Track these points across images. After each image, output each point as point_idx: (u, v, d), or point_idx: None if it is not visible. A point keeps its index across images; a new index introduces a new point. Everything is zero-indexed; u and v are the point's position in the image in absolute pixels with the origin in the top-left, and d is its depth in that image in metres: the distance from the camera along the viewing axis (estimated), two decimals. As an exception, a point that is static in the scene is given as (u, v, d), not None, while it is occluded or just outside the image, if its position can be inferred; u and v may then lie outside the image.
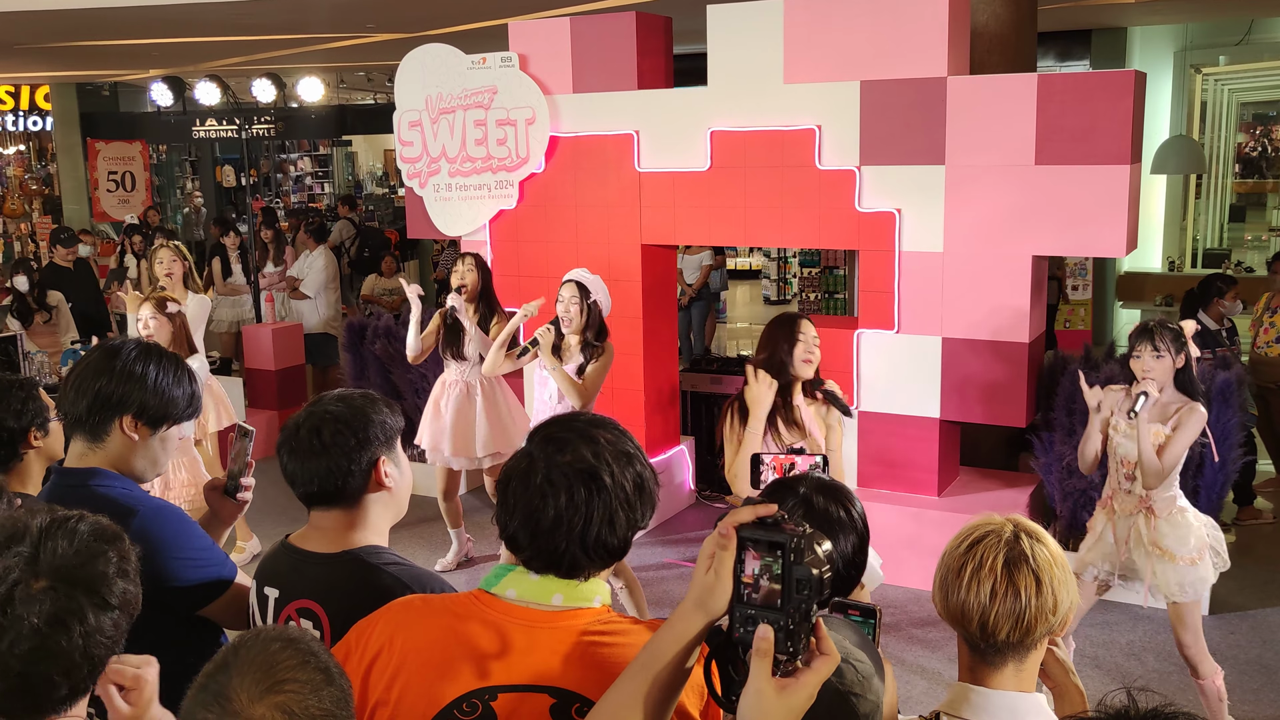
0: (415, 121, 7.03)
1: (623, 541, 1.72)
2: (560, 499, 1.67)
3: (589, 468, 1.68)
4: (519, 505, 1.70)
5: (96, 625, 1.54)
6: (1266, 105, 20.01)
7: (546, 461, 1.70)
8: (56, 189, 17.64)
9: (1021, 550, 1.83)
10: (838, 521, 1.97)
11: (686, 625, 1.45)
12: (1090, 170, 5.26)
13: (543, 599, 1.71)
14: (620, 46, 6.38)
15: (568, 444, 1.71)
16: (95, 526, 1.63)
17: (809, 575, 1.34)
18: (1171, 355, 4.18)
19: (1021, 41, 6.20)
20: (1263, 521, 6.76)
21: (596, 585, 1.74)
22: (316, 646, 1.47)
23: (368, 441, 2.14)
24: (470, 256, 5.96)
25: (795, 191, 5.94)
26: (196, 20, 9.41)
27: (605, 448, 1.71)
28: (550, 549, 1.69)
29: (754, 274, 16.97)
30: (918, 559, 5.70)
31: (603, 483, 1.68)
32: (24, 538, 1.57)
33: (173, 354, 2.49)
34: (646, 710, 1.47)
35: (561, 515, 1.67)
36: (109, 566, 1.58)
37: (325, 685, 1.43)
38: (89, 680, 1.57)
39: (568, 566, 1.70)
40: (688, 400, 7.52)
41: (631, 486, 1.71)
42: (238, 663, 1.42)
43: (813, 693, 1.36)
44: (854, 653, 1.60)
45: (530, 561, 1.73)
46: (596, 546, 1.69)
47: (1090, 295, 10.57)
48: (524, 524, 1.69)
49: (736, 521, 1.40)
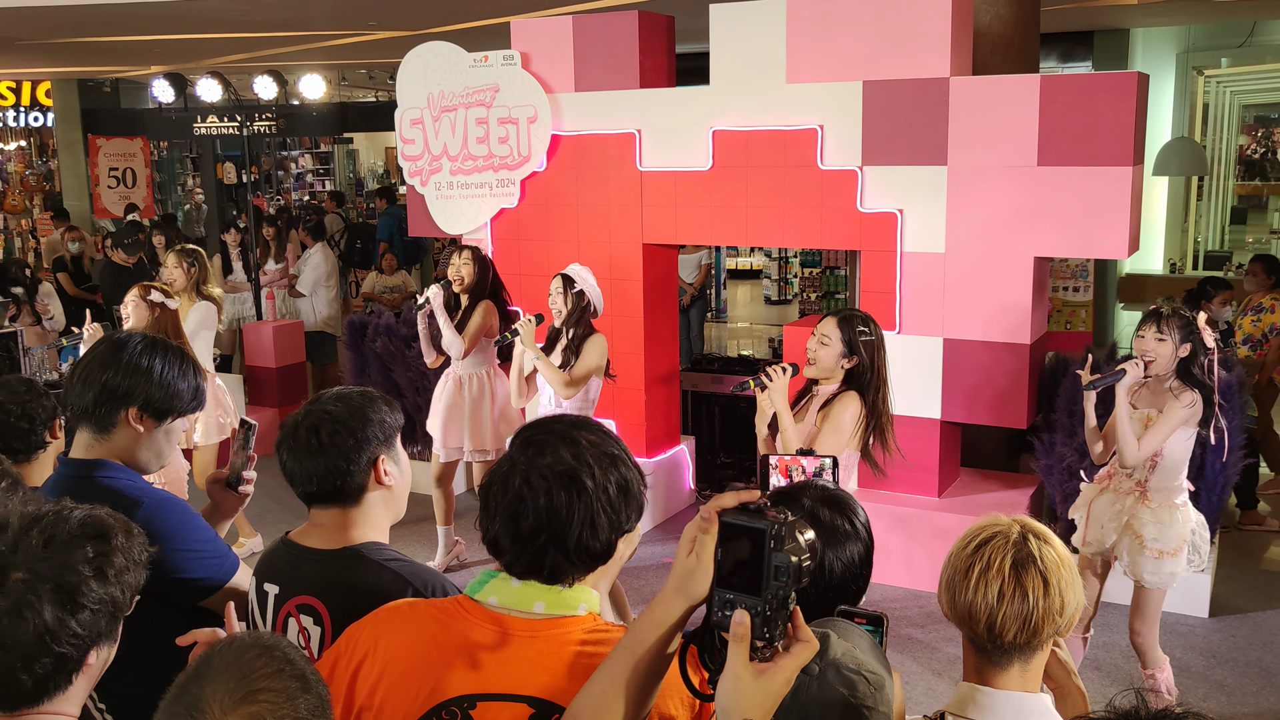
0: (417, 119, 7.02)
1: (606, 545, 1.70)
2: (540, 501, 1.65)
3: (569, 470, 1.66)
4: (499, 509, 1.68)
5: (55, 622, 1.52)
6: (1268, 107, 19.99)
7: (527, 464, 1.68)
8: (57, 185, 17.63)
9: (1029, 551, 1.83)
10: (844, 534, 1.96)
11: (667, 610, 1.45)
12: (1092, 172, 5.26)
13: (524, 606, 1.69)
14: (623, 45, 6.37)
15: (547, 446, 1.69)
16: (87, 521, 1.61)
17: (788, 563, 1.34)
18: (1175, 341, 4.10)
19: (1024, 42, 6.19)
20: (1266, 529, 6.74)
21: (582, 593, 1.71)
22: (293, 653, 1.45)
23: (366, 440, 2.14)
24: (469, 250, 5.94)
25: (797, 191, 5.94)
26: (198, 17, 9.40)
27: (587, 450, 1.69)
28: (531, 553, 1.67)
29: (755, 274, 16.96)
30: (918, 560, 5.70)
31: (583, 485, 1.66)
32: (6, 527, 1.56)
33: (178, 347, 2.51)
34: (628, 695, 1.47)
35: (542, 518, 1.65)
36: (83, 564, 1.56)
37: (301, 693, 1.40)
38: (58, 677, 1.55)
39: (549, 571, 1.68)
40: (688, 400, 7.51)
41: (615, 489, 1.69)
42: (211, 672, 1.40)
43: (790, 678, 1.37)
44: (866, 664, 1.58)
45: (512, 566, 1.71)
46: (578, 550, 1.67)
47: (1091, 297, 10.55)
48: (504, 527, 1.67)
49: (719, 506, 1.40)
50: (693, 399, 7.54)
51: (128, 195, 15.57)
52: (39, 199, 17.83)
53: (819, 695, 1.54)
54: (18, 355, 6.73)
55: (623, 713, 1.48)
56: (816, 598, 1.90)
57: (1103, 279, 10.94)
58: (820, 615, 1.74)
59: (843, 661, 1.56)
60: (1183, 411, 4.12)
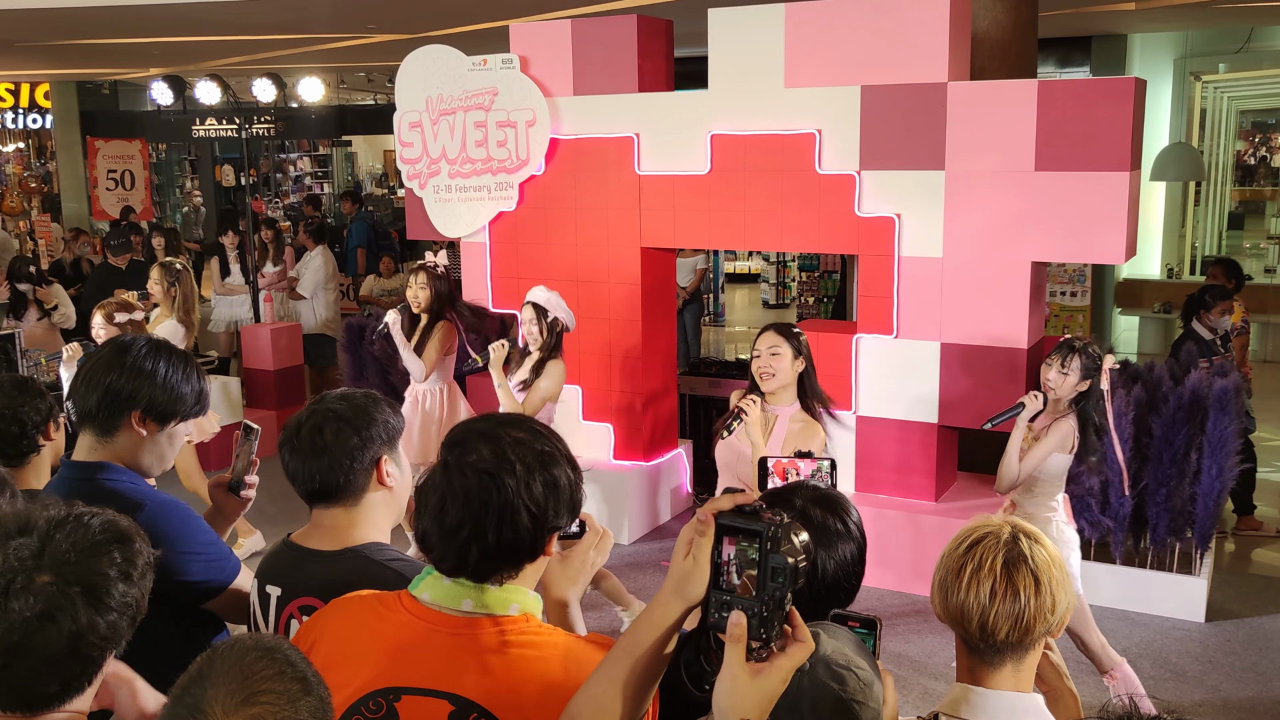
0: (415, 122, 7.03)
1: (531, 544, 1.70)
2: (459, 498, 1.67)
3: (489, 468, 1.67)
4: (427, 507, 1.71)
5: (88, 625, 1.53)
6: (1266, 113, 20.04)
7: (452, 464, 1.70)
8: (55, 187, 17.65)
9: (1020, 551, 1.84)
10: (835, 533, 1.97)
11: (665, 612, 1.46)
12: (1090, 177, 5.27)
13: (453, 604, 1.71)
14: (621, 49, 6.38)
15: (469, 444, 1.71)
16: (107, 524, 1.63)
17: (785, 564, 1.36)
18: (1076, 376, 4.39)
19: (1022, 47, 6.21)
20: (1262, 534, 6.76)
21: (513, 593, 1.72)
22: (295, 655, 1.45)
23: (370, 440, 2.16)
24: (424, 272, 5.92)
25: (795, 196, 5.95)
26: (197, 20, 9.42)
27: (510, 446, 1.70)
28: (455, 550, 1.68)
29: (753, 278, 16.98)
30: (914, 564, 5.71)
31: (502, 482, 1.67)
32: (32, 530, 1.57)
33: (182, 351, 2.52)
34: (625, 696, 1.48)
35: (462, 514, 1.67)
36: (111, 568, 1.57)
37: (302, 695, 1.41)
38: (81, 679, 1.57)
39: (474, 568, 1.69)
40: (686, 403, 7.52)
41: (540, 487, 1.69)
42: (212, 674, 1.40)
43: (786, 678, 1.38)
44: (855, 660, 1.60)
45: (440, 563, 1.72)
46: (500, 548, 1.68)
47: (1089, 301, 10.58)
48: (431, 524, 1.70)
49: (715, 509, 1.42)
50: (690, 402, 7.55)
51: (126, 197, 15.58)
52: (37, 201, 17.84)
53: (809, 689, 1.55)
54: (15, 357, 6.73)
55: (619, 713, 1.49)
56: (810, 597, 1.91)
57: (1100, 284, 10.97)
58: (813, 614, 1.75)
59: (832, 658, 1.58)
60: (1061, 434, 4.38)
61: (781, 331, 4.30)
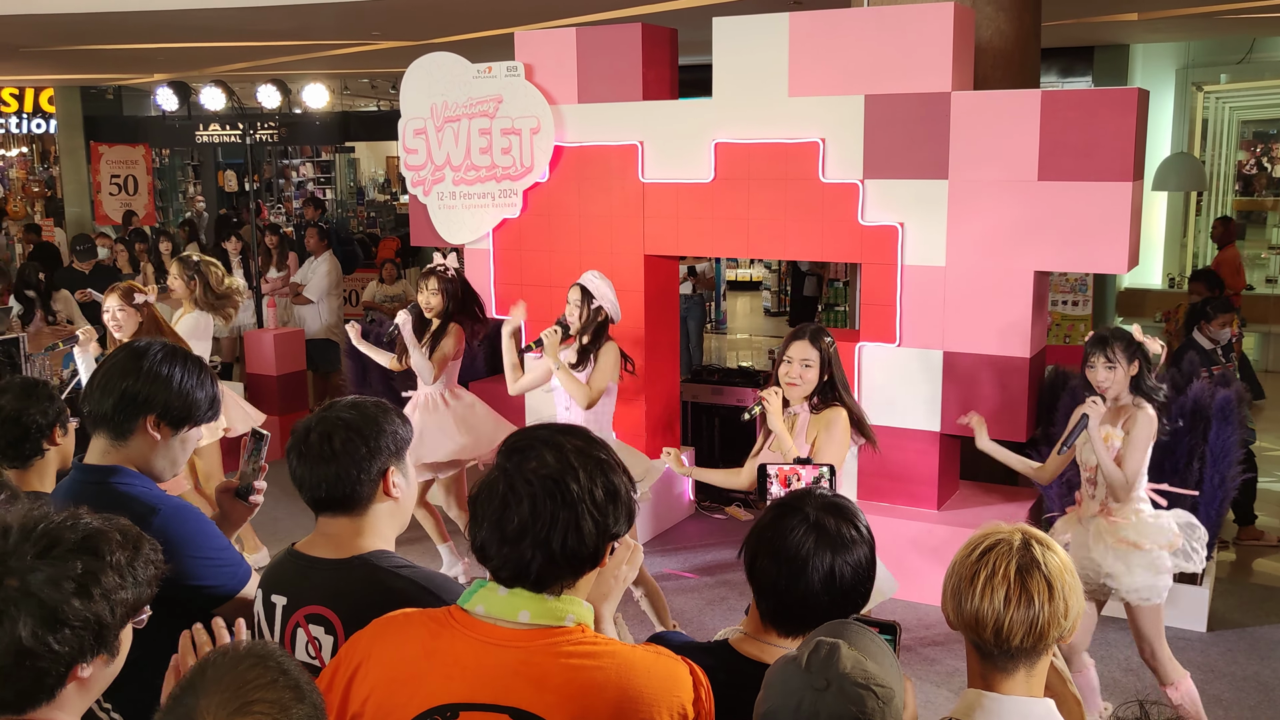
0: (420, 129, 7.05)
1: (594, 551, 1.70)
2: (524, 506, 1.66)
3: (553, 474, 1.67)
4: (486, 515, 1.70)
5: (33, 638, 1.51)
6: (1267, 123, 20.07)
7: (513, 470, 1.69)
8: (59, 192, 17.67)
9: (1033, 557, 1.85)
10: (850, 540, 2.00)
11: None
12: (1092, 187, 5.28)
13: (509, 615, 1.70)
14: (626, 57, 6.40)
15: (532, 452, 1.70)
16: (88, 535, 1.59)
17: None
18: (1124, 364, 4.23)
19: (1025, 58, 6.23)
20: (1264, 543, 6.76)
21: (569, 603, 1.71)
22: (288, 663, 1.45)
23: (378, 451, 2.16)
24: (435, 278, 5.86)
25: (798, 204, 5.96)
26: (202, 26, 9.45)
27: (571, 454, 1.70)
28: (516, 558, 1.68)
29: (755, 285, 17.01)
30: (917, 573, 5.71)
31: (568, 489, 1.66)
32: (7, 535, 1.56)
33: (196, 356, 2.53)
34: None
35: (526, 523, 1.66)
36: (68, 582, 1.54)
37: (295, 703, 1.40)
38: (37, 692, 1.55)
39: (535, 578, 1.69)
40: (688, 411, 7.52)
41: (602, 493, 1.69)
42: (205, 683, 1.39)
43: None
44: (875, 676, 1.57)
45: (498, 572, 1.72)
46: (564, 555, 1.67)
47: (1090, 311, 10.59)
48: (491, 533, 1.69)
49: None
50: (692, 410, 7.56)
51: (129, 203, 15.60)
52: (40, 205, 17.87)
53: (827, 710, 1.54)
54: (19, 361, 6.74)
55: None
56: (829, 604, 1.94)
57: (1102, 293, 10.98)
58: (834, 619, 1.76)
59: (851, 675, 1.55)
60: (1149, 424, 4.23)
61: (815, 343, 4.17)
